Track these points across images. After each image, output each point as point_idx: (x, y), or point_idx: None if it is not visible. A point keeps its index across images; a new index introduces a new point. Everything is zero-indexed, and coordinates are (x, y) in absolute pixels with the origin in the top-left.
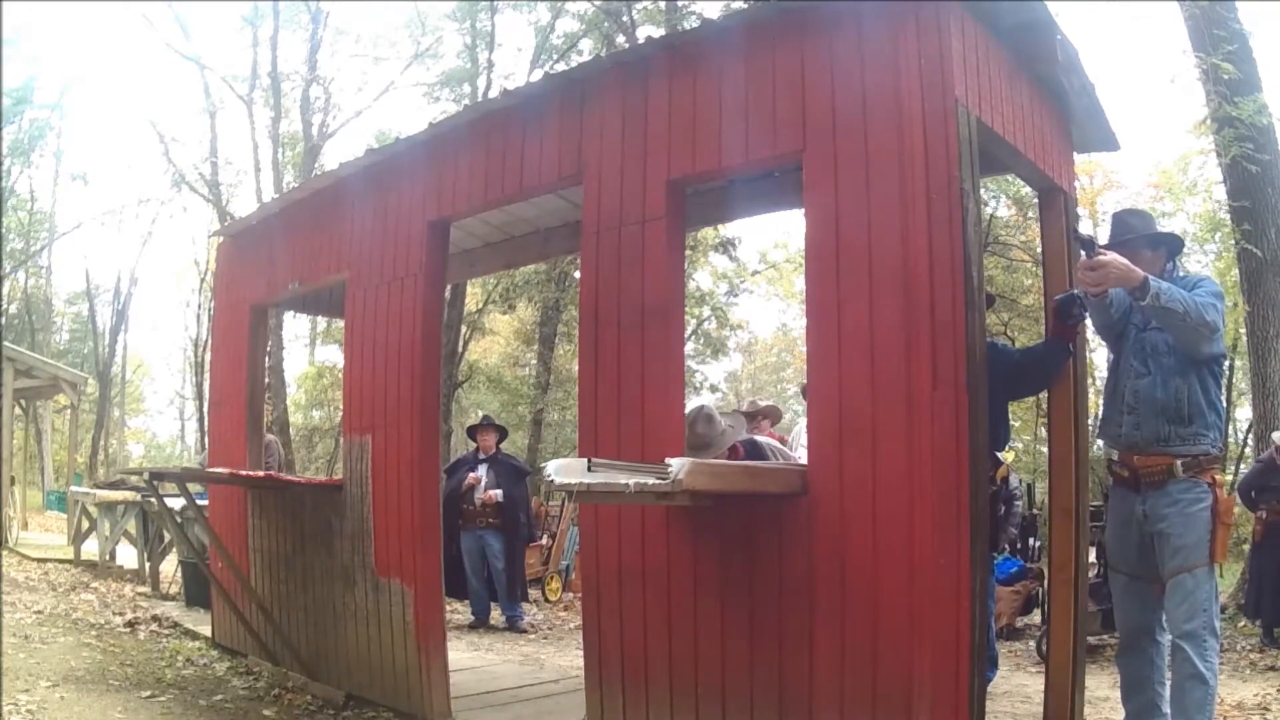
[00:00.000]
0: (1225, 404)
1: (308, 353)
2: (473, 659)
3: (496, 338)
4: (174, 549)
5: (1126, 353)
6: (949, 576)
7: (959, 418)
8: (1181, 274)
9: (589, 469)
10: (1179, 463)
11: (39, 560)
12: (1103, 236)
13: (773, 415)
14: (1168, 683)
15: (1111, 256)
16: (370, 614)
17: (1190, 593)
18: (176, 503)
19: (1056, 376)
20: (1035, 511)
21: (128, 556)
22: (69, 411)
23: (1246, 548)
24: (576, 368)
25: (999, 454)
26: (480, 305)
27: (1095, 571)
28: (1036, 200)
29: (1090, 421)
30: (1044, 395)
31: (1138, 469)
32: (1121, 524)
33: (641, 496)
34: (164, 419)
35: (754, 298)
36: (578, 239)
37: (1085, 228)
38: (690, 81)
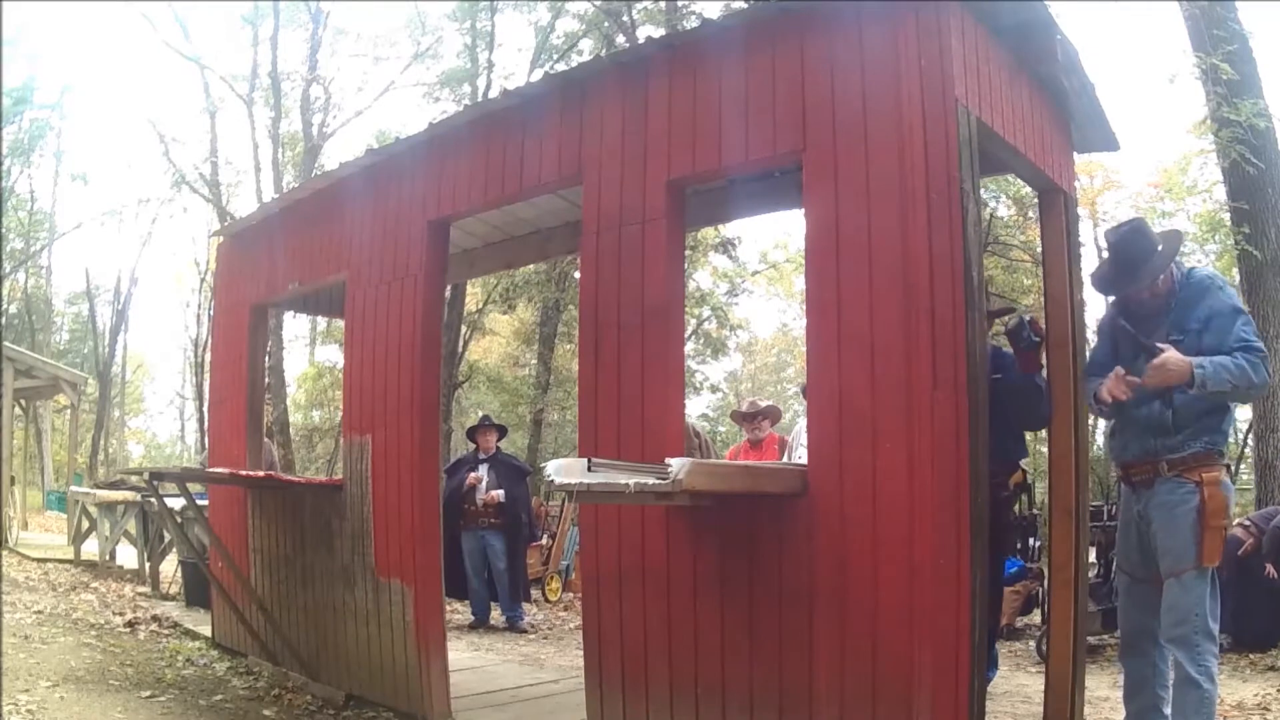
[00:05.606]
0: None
1: (308, 353)
2: (473, 659)
3: (496, 338)
4: (174, 549)
5: None
6: (949, 577)
7: (959, 418)
8: (1181, 273)
9: (589, 469)
10: (1163, 462)
11: (39, 560)
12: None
13: (773, 415)
14: (1170, 685)
15: (1170, 356)
16: (370, 614)
17: (1178, 598)
18: (176, 503)
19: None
20: (1035, 511)
21: (128, 556)
22: (69, 411)
23: None
24: (576, 368)
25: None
26: (480, 305)
27: (1095, 571)
28: (1036, 200)
29: (1090, 422)
30: None
31: (1132, 475)
32: (1125, 524)
33: (641, 496)
34: (164, 419)
35: (754, 298)
36: (578, 239)
37: (1085, 228)
38: (690, 81)
